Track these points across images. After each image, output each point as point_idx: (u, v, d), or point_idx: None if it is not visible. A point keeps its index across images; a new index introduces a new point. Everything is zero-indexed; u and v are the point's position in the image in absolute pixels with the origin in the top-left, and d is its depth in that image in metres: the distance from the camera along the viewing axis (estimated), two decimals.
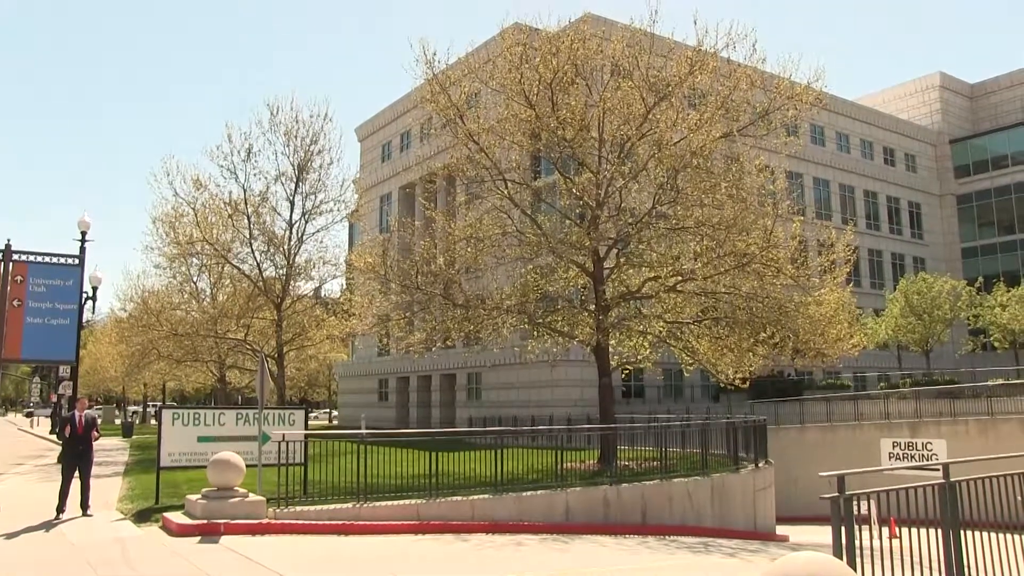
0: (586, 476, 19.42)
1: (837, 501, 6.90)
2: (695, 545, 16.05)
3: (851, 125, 67.13)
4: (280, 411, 18.19)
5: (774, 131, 23.96)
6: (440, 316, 24.89)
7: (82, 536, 13.85)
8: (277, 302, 35.62)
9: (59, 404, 47.86)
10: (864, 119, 68.58)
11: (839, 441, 37.58)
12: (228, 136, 34.63)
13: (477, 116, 23.92)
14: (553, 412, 40.35)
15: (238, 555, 11.90)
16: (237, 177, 34.97)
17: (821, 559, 5.10)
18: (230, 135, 34.61)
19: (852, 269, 32.87)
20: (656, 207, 22.72)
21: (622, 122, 22.54)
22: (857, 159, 66.76)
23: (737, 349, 23.18)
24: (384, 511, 15.30)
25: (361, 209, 42.36)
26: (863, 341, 27.97)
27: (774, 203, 24.31)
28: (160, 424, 16.87)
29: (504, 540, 14.46)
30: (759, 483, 22.61)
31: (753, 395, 41.97)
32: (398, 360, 57.98)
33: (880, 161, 68.99)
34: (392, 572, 10.96)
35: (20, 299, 17.41)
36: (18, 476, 25.59)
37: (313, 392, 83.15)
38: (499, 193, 23.84)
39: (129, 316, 45.02)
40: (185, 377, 53.20)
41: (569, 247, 22.93)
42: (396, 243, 38.06)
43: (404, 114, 61.25)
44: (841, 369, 50.54)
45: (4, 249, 17.48)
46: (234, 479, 14.71)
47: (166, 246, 37.89)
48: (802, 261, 24.74)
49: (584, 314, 24.05)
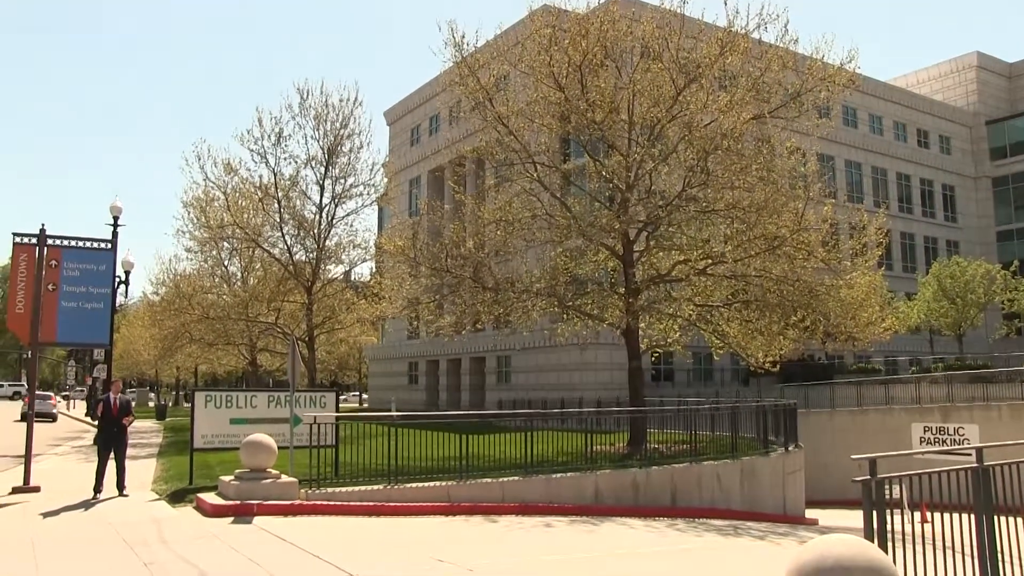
0: (616, 459, 19.43)
1: (869, 484, 6.87)
2: (724, 528, 16.04)
3: (884, 107, 66.22)
4: (311, 393, 18.32)
5: (806, 113, 23.73)
6: (470, 299, 24.91)
7: (119, 516, 14.06)
8: (307, 286, 35.84)
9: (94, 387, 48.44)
10: (898, 100, 67.66)
11: (869, 425, 37.33)
12: (258, 120, 34.83)
13: (506, 99, 23.85)
14: (583, 395, 40.37)
15: (271, 535, 12.03)
16: (267, 161, 35.20)
17: (853, 541, 5.09)
18: (260, 119, 34.81)
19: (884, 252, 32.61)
20: (686, 190, 22.58)
21: (652, 104, 22.39)
22: (890, 141, 65.92)
23: (767, 332, 23.06)
24: (415, 493, 15.40)
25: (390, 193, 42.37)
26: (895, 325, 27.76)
27: (805, 186, 24.11)
28: (193, 406, 17.08)
29: (534, 522, 14.52)
30: (789, 466, 22.53)
31: (783, 379, 41.78)
32: (428, 343, 58.21)
33: (914, 143, 68.07)
34: (424, 553, 11.04)
35: (55, 283, 17.55)
36: (56, 457, 26.04)
37: (343, 375, 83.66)
38: (528, 176, 23.79)
39: (161, 300, 45.42)
40: (217, 360, 53.65)
41: (599, 230, 22.86)
42: (425, 226, 38.11)
43: (433, 98, 61.23)
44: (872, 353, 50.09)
45: (38, 234, 17.63)
46: (266, 461, 14.86)
47: (197, 230, 38.27)
48: (833, 244, 24.52)
49: (614, 297, 24.00)
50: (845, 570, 4.86)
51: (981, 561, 7.75)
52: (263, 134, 34.64)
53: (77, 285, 17.79)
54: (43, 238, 17.63)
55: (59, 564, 10.32)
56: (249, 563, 10.19)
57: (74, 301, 17.73)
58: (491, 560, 10.78)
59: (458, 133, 45.51)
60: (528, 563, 10.86)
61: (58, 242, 17.82)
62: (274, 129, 34.73)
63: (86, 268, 17.95)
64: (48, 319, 17.49)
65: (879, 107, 65.73)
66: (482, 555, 11.12)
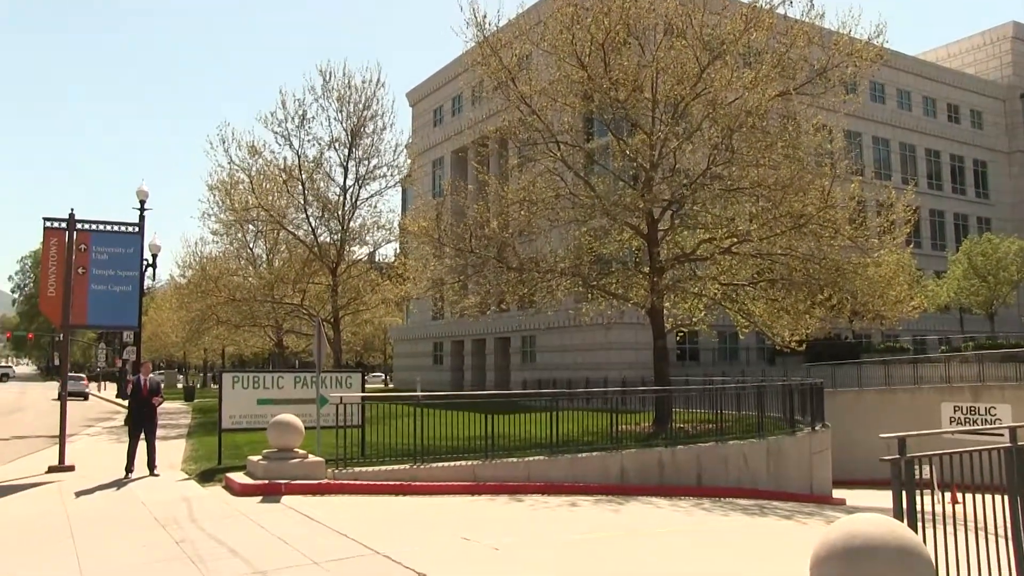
0: (641, 438, 19.42)
1: (898, 463, 6.79)
2: (750, 507, 16.00)
3: (913, 81, 65.10)
4: (337, 374, 18.43)
5: (832, 89, 23.46)
6: (494, 279, 24.92)
7: (150, 495, 14.22)
8: (332, 267, 35.94)
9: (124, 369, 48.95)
10: (927, 75, 66.44)
11: (897, 405, 37.05)
12: (282, 102, 34.88)
13: (529, 78, 23.73)
14: (607, 375, 40.34)
15: (299, 514, 12.12)
16: (291, 143, 35.26)
17: (882, 521, 5.04)
18: (284, 101, 34.86)
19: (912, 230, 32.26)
20: (711, 168, 22.41)
21: (676, 82, 22.21)
22: (919, 117, 64.91)
23: (793, 311, 22.90)
24: (440, 472, 15.47)
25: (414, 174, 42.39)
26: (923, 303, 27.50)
27: (832, 163, 23.87)
28: (221, 387, 17.22)
29: (559, 501, 14.55)
30: (815, 446, 22.42)
31: (809, 358, 41.52)
32: (452, 324, 58.29)
33: (943, 118, 66.91)
34: (450, 531, 11.09)
35: (84, 267, 17.69)
36: (89, 437, 26.38)
37: (369, 356, 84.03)
38: (552, 156, 23.69)
39: (188, 282, 45.71)
40: (243, 342, 54.04)
41: (623, 209, 22.74)
42: (449, 207, 38.07)
43: (455, 78, 61.04)
44: (900, 332, 49.74)
45: (68, 219, 17.78)
46: (293, 441, 14.96)
47: (223, 213, 38.49)
48: (860, 222, 24.27)
49: (638, 276, 23.91)
50: (874, 550, 4.81)
51: (1015, 543, 7.67)
52: (287, 116, 34.71)
53: (106, 268, 17.94)
54: (72, 223, 17.77)
55: (94, 542, 10.45)
56: (278, 541, 10.28)
57: (103, 284, 17.88)
58: (517, 539, 10.82)
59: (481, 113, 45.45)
60: (554, 542, 10.89)
61: (87, 226, 17.96)
62: (297, 111, 34.78)
63: (114, 252, 18.08)
64: (79, 302, 17.66)
65: (908, 82, 64.66)
66: (508, 534, 11.15)
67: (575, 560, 9.83)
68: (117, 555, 9.76)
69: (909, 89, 64.74)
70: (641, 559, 9.99)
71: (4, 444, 24.38)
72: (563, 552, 10.25)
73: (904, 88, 64.38)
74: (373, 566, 9.03)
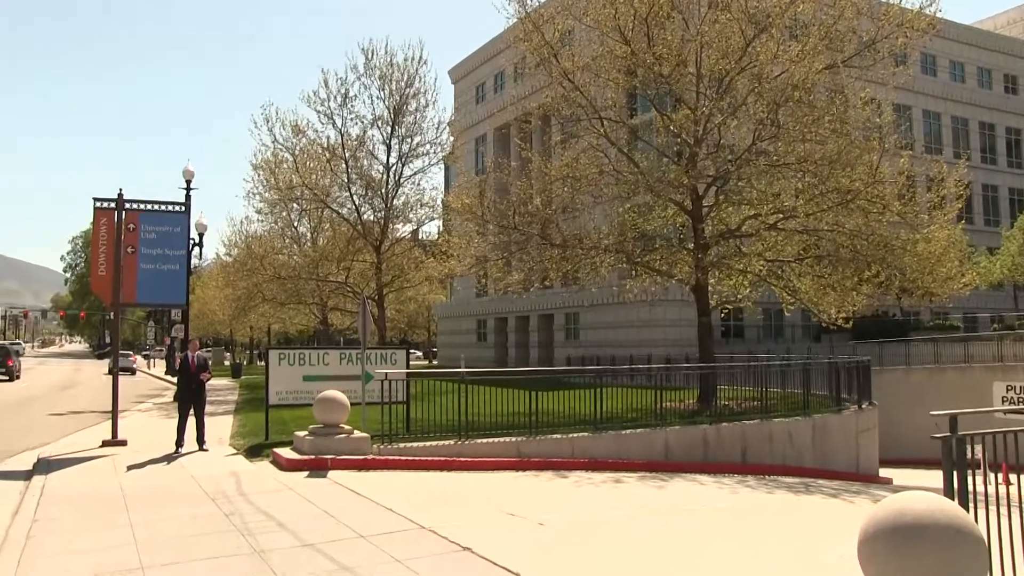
0: (685, 415, 19.35)
1: (949, 441, 6.68)
2: (795, 485, 15.89)
3: (967, 52, 63.10)
4: (382, 351, 18.53)
5: (881, 61, 23.03)
6: (538, 256, 24.87)
7: (200, 469, 14.47)
8: (376, 245, 36.14)
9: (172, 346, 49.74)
10: (982, 44, 64.30)
11: (946, 384, 36.48)
12: (324, 81, 35.01)
13: (571, 54, 23.57)
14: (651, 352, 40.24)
15: (346, 489, 12.27)
16: (334, 122, 35.48)
17: (933, 498, 4.97)
18: (326, 80, 34.99)
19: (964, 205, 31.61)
20: (756, 143, 22.14)
21: (720, 56, 21.93)
22: (973, 89, 63.11)
23: (840, 288, 22.62)
24: (485, 448, 15.55)
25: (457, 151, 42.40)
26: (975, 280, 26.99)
27: (880, 137, 23.43)
28: (267, 364, 17.41)
29: (603, 477, 14.56)
30: (862, 424, 22.20)
31: (856, 336, 41.04)
32: (496, 301, 58.45)
33: (999, 90, 64.92)
34: (494, 507, 11.15)
35: (133, 246, 17.94)
36: (140, 413, 26.91)
37: (413, 333, 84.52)
38: (595, 132, 23.54)
39: (234, 261, 46.28)
40: (289, 319, 54.58)
41: (667, 185, 22.57)
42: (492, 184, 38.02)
43: (497, 54, 60.80)
44: (950, 309, 48.93)
45: (116, 199, 18.02)
46: (339, 416, 15.12)
47: (267, 192, 38.81)
48: (910, 197, 23.87)
49: (683, 253, 23.76)
50: (924, 528, 4.74)
51: None
52: (329, 95, 34.89)
53: (154, 247, 18.16)
54: (121, 203, 18.00)
55: (147, 513, 10.67)
56: (324, 515, 10.42)
57: (151, 263, 18.11)
58: (561, 515, 10.85)
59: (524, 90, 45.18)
60: (599, 518, 10.91)
61: (135, 206, 18.20)
62: (340, 90, 34.94)
63: (162, 231, 18.30)
64: (128, 281, 17.91)
65: (961, 52, 62.78)
66: (552, 509, 11.19)
67: (620, 536, 9.84)
68: (169, 526, 9.96)
69: (963, 60, 62.98)
70: (684, 536, 9.98)
71: (61, 419, 24.97)
72: (608, 528, 10.26)
73: (957, 59, 62.66)
74: (418, 540, 9.11)
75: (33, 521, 10.33)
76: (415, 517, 10.14)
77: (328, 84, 34.87)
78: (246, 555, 8.54)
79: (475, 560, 8.25)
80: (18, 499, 12.01)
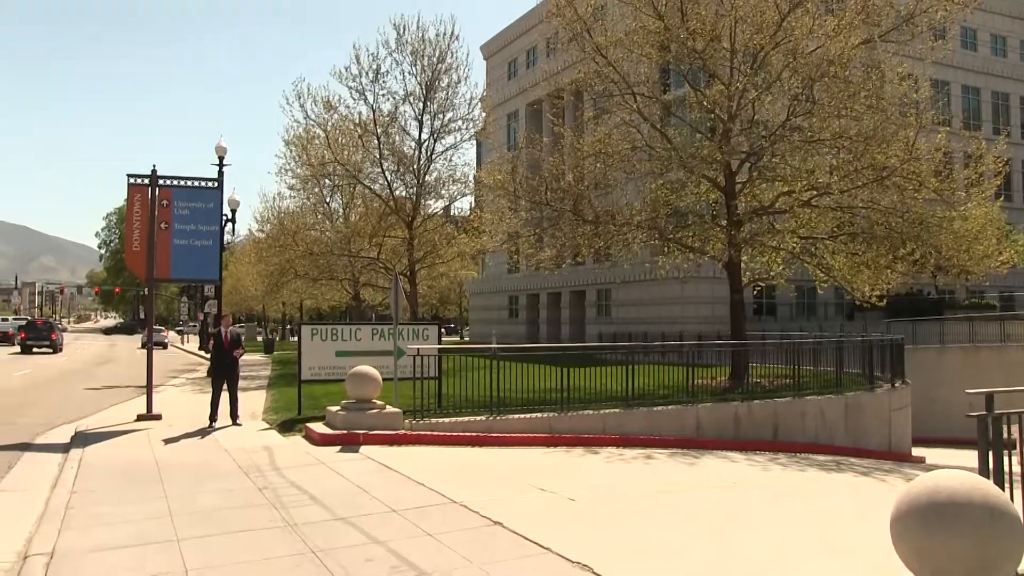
0: (717, 392, 19.32)
1: (985, 420, 6.64)
2: (827, 463, 15.83)
3: (1010, 25, 61.03)
4: (414, 326, 18.57)
5: (920, 36, 22.67)
6: (570, 232, 24.82)
7: (233, 443, 14.66)
8: (408, 221, 36.16)
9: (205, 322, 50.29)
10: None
11: (982, 363, 36.13)
12: (356, 57, 34.91)
13: (604, 29, 23.42)
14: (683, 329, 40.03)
15: (378, 464, 12.39)
16: (366, 98, 35.35)
17: (967, 477, 4.95)
18: (358, 56, 34.89)
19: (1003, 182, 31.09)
20: (790, 119, 21.93)
21: (755, 31, 21.69)
22: (1015, 63, 61.34)
23: (874, 266, 22.42)
24: (516, 424, 15.62)
25: (489, 127, 42.18)
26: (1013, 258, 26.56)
27: (917, 113, 23.08)
28: (300, 340, 17.53)
29: (634, 453, 14.58)
30: (895, 403, 22.04)
31: (889, 314, 40.69)
32: (528, 277, 58.43)
33: None
34: (526, 482, 11.21)
35: (167, 222, 18.09)
36: (174, 388, 27.25)
37: (444, 309, 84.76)
38: (628, 107, 23.40)
39: (266, 237, 46.49)
40: (321, 295, 54.83)
41: (700, 161, 22.42)
42: (524, 160, 37.93)
43: (530, 30, 60.50)
44: (986, 288, 48.28)
45: (150, 175, 18.17)
46: (371, 392, 15.23)
47: (299, 168, 38.92)
48: (947, 174, 23.56)
49: (715, 229, 23.63)
50: (958, 506, 4.73)
51: None
52: (361, 71, 34.77)
53: (187, 223, 18.30)
54: (154, 178, 18.15)
55: (181, 487, 10.83)
56: (357, 489, 10.53)
57: (185, 239, 18.25)
58: (591, 490, 10.89)
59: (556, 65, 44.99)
60: (629, 493, 10.94)
61: (168, 182, 18.33)
62: (371, 66, 34.82)
63: (195, 207, 18.42)
64: (162, 256, 18.07)
65: (1003, 26, 60.86)
66: (583, 485, 11.24)
67: (650, 511, 9.88)
68: (203, 499, 10.11)
69: (1005, 34, 61.32)
70: (713, 513, 9.99)
71: (97, 393, 25.36)
72: (639, 504, 10.30)
73: (999, 32, 61.07)
74: (450, 514, 9.20)
75: (71, 493, 10.52)
76: (446, 492, 10.23)
77: (360, 60, 34.81)
78: (279, 528, 8.66)
79: (506, 534, 8.32)
80: (56, 471, 12.23)
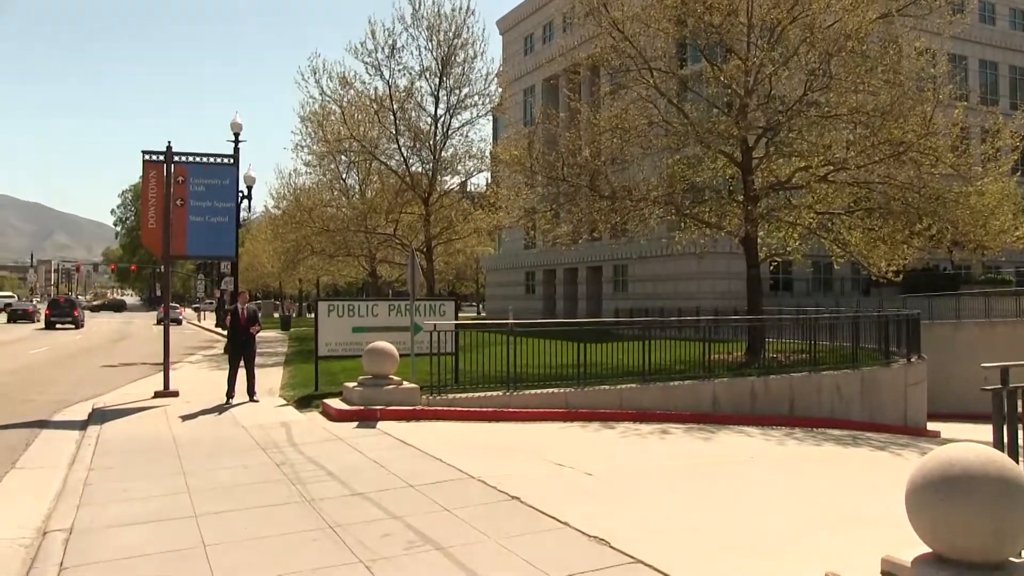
0: (733, 367, 19.39)
1: (1000, 394, 6.69)
2: (843, 437, 15.90)
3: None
4: (431, 302, 18.63)
5: (937, 10, 22.51)
6: (586, 208, 24.81)
7: (250, 419, 14.80)
8: (424, 197, 36.18)
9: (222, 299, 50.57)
10: None
11: (998, 338, 35.98)
12: (371, 32, 34.81)
13: (621, 3, 23.30)
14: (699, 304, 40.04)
15: (395, 439, 12.50)
16: (382, 74, 35.28)
17: (982, 450, 4.99)
18: (373, 31, 34.80)
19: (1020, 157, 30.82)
20: (807, 94, 21.82)
21: (772, 5, 21.56)
22: None
23: (891, 241, 22.37)
24: (533, 399, 15.72)
25: (505, 102, 42.01)
26: None
27: (934, 88, 22.94)
28: (316, 316, 17.63)
29: (650, 428, 14.67)
30: (911, 378, 22.06)
31: (905, 289, 40.57)
32: (544, 252, 58.43)
33: None
34: (542, 457, 11.31)
35: (183, 199, 18.13)
36: (191, 365, 27.44)
37: (461, 285, 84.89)
38: (644, 82, 23.31)
39: (283, 213, 46.60)
40: (337, 271, 54.95)
41: (716, 136, 22.37)
42: (541, 135, 37.82)
43: (546, 4, 60.20)
44: (1003, 263, 48.02)
45: (165, 151, 18.20)
46: (388, 368, 15.33)
47: (315, 144, 38.89)
48: (963, 149, 23.41)
49: (732, 205, 23.61)
50: (973, 479, 4.77)
51: None
52: (376, 46, 34.70)
53: (203, 200, 18.31)
54: (170, 155, 18.17)
55: (199, 463, 10.97)
56: (374, 465, 10.65)
57: (201, 216, 18.27)
58: (608, 465, 10.99)
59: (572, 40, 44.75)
60: (646, 468, 11.04)
61: (184, 159, 18.35)
62: (387, 41, 34.73)
63: (211, 183, 18.43)
64: (178, 233, 18.11)
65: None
66: (600, 460, 11.33)
67: (667, 486, 9.97)
68: (221, 475, 10.22)
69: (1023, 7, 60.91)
70: (729, 486, 10.08)
71: (114, 370, 25.60)
72: (655, 478, 10.39)
73: (1018, 6, 60.35)
74: (467, 489, 9.30)
75: (89, 470, 10.64)
76: (463, 467, 10.33)
77: (375, 35, 34.74)
78: (297, 503, 8.77)
79: (523, 509, 8.41)
80: (74, 448, 12.35)
